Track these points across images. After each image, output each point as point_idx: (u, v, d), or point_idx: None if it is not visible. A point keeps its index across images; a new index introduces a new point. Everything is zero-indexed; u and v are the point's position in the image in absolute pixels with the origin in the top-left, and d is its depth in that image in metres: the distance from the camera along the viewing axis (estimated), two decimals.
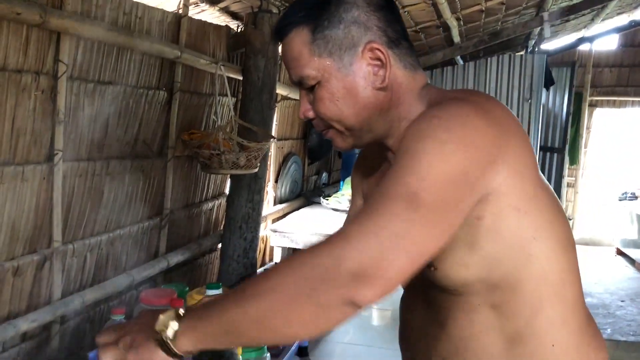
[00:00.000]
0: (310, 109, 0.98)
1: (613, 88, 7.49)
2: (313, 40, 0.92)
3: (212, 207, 2.91)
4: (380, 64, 0.93)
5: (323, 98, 0.94)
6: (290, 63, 0.96)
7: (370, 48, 0.92)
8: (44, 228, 1.79)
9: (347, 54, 0.92)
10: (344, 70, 0.93)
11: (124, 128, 2.12)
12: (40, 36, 1.67)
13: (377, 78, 0.93)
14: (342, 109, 0.94)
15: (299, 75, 0.95)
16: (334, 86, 0.93)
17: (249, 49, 2.67)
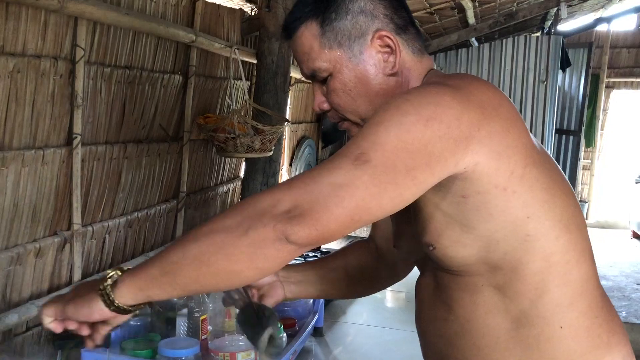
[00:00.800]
0: (325, 101, 0.99)
1: (631, 69, 7.38)
2: (322, 33, 0.94)
3: (227, 190, 2.94)
4: (389, 50, 0.94)
5: (336, 89, 0.96)
6: (301, 57, 0.97)
7: (379, 36, 0.94)
8: (63, 210, 1.82)
9: (357, 44, 0.94)
10: (354, 59, 0.94)
11: (140, 112, 2.15)
12: (58, 21, 1.68)
13: (388, 64, 0.95)
14: (355, 98, 0.96)
15: (311, 68, 0.96)
16: (346, 76, 0.95)
17: (263, 32, 2.67)
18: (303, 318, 1.88)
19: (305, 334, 1.81)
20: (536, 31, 6.91)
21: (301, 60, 0.97)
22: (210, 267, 0.77)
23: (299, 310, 1.88)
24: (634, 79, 7.43)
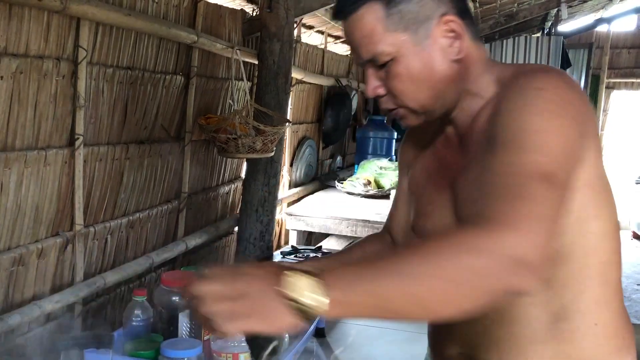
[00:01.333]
0: (381, 86, 0.95)
1: (631, 70, 7.38)
2: (387, 15, 0.90)
3: (228, 191, 2.94)
4: (454, 35, 0.92)
5: (400, 74, 0.92)
6: (360, 41, 0.93)
7: (445, 20, 0.91)
8: (66, 211, 1.83)
9: (423, 28, 0.91)
10: (420, 44, 0.91)
11: (142, 113, 2.15)
12: (60, 22, 1.69)
13: (453, 50, 0.92)
14: (418, 85, 0.93)
15: (372, 52, 0.92)
16: (411, 61, 0.91)
17: (264, 32, 2.67)
18: None
19: (307, 334, 1.81)
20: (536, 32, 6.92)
21: (359, 44, 0.93)
22: (425, 311, 0.73)
23: None
24: (634, 80, 7.43)
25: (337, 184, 4.14)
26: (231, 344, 1.49)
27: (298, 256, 2.92)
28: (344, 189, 4.05)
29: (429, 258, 0.72)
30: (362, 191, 3.95)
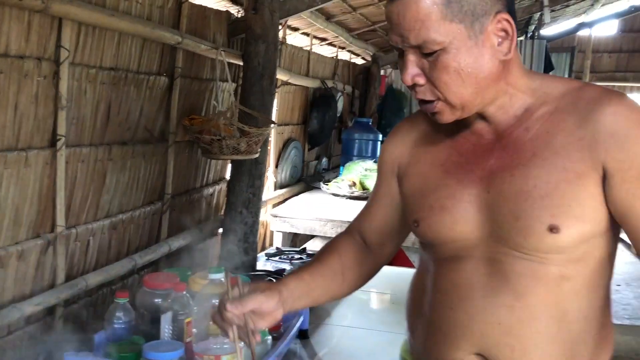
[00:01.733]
0: (422, 74, 0.93)
1: (612, 73, 7.50)
2: (447, 2, 0.87)
3: (212, 192, 2.93)
4: (504, 35, 0.92)
5: (448, 66, 0.90)
6: (411, 24, 0.89)
7: (500, 19, 0.90)
8: (47, 213, 1.81)
9: (478, 22, 0.89)
10: (473, 38, 0.89)
11: (125, 114, 2.14)
12: (42, 22, 1.67)
13: (502, 49, 0.92)
14: (465, 80, 0.91)
15: (423, 39, 0.89)
16: (462, 55, 0.90)
17: (249, 34, 2.67)
18: (288, 320, 1.88)
19: (290, 336, 1.81)
20: (520, 35, 6.99)
21: (409, 28, 0.89)
22: None
23: None
24: (615, 83, 7.54)
25: (323, 186, 4.15)
26: (214, 346, 1.49)
27: (283, 258, 2.91)
28: (329, 190, 4.06)
29: None
30: (347, 193, 3.96)
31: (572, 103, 0.96)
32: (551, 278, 0.95)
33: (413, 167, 1.10)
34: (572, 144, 0.94)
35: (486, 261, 0.99)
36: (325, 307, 2.43)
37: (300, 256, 2.95)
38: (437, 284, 1.05)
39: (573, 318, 0.97)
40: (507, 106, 0.98)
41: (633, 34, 7.45)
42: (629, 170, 0.91)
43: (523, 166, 0.95)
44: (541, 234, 0.93)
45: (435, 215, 1.02)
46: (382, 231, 1.19)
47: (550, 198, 0.93)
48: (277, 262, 2.84)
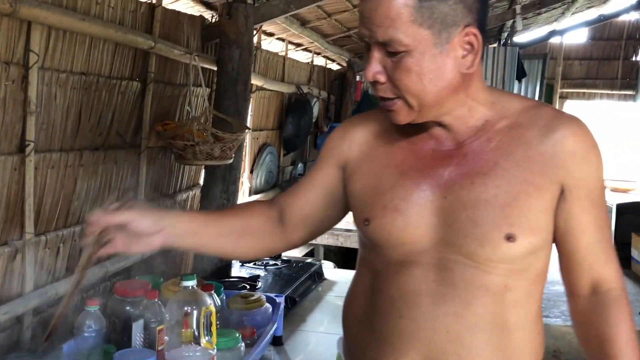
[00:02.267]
0: (383, 72, 0.93)
1: (583, 80, 7.65)
2: (418, 5, 0.88)
3: (186, 198, 2.91)
4: (470, 48, 0.92)
5: (410, 70, 0.91)
6: (380, 21, 0.89)
7: (468, 32, 0.91)
8: (15, 219, 1.77)
9: (446, 31, 0.90)
10: (439, 46, 0.90)
11: (96, 119, 2.11)
12: (10, 25, 1.64)
13: (465, 62, 0.93)
14: (426, 86, 0.92)
15: (389, 36, 0.89)
16: (425, 61, 0.90)
17: (223, 39, 2.66)
18: (262, 327, 1.87)
19: (264, 343, 1.80)
20: (493, 42, 7.09)
21: (378, 24, 0.90)
22: None
23: (257, 319, 1.88)
24: (585, 90, 7.70)
25: None
26: (186, 354, 1.47)
27: (257, 264, 2.90)
28: None
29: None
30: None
31: (530, 119, 1.00)
32: (497, 288, 0.98)
33: (365, 165, 1.09)
34: (533, 157, 0.97)
35: (435, 268, 0.99)
36: (300, 314, 2.43)
37: (275, 262, 2.94)
38: (383, 290, 1.04)
39: (514, 327, 1.00)
40: (466, 117, 1.00)
41: (602, 42, 7.62)
42: (583, 188, 0.98)
43: (484, 175, 0.97)
44: (498, 242, 0.95)
45: (388, 216, 1.01)
46: (302, 215, 1.16)
47: (510, 208, 0.95)
48: (252, 268, 2.83)
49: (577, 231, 1.00)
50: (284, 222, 1.16)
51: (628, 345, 0.99)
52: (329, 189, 1.14)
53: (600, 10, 7.02)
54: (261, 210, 1.18)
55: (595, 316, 1.02)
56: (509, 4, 5.21)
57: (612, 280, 1.03)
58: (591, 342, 1.03)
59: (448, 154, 1.01)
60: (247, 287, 2.48)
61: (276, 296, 2.06)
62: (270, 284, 2.61)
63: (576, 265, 1.02)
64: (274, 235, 1.17)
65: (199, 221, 1.11)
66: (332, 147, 1.15)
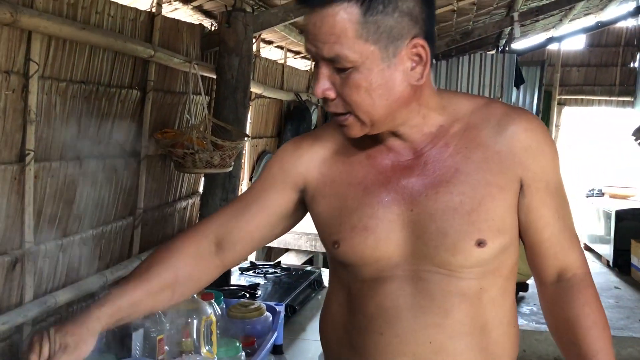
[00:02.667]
0: (332, 89, 0.92)
1: (581, 87, 7.66)
2: (363, 21, 0.86)
3: (185, 206, 2.90)
4: (419, 60, 0.92)
5: (359, 86, 0.90)
6: (325, 38, 0.88)
7: (415, 44, 0.90)
8: (15, 229, 1.77)
9: (393, 45, 0.89)
10: (386, 61, 0.89)
11: (96, 127, 2.11)
12: (10, 35, 1.64)
13: (414, 74, 0.92)
14: (375, 100, 0.91)
15: (335, 53, 0.88)
16: (374, 76, 0.89)
17: (222, 47, 2.66)
18: (262, 336, 1.86)
19: (265, 352, 1.80)
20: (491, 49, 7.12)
21: (324, 40, 0.88)
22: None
23: (257, 328, 1.87)
24: (583, 97, 7.72)
25: None
26: None
27: (257, 272, 2.90)
28: None
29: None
30: None
31: (482, 119, 1.00)
32: (473, 292, 0.99)
33: (328, 186, 1.05)
34: (491, 157, 0.98)
35: (410, 280, 0.99)
36: (300, 322, 2.42)
37: (274, 270, 2.94)
38: (361, 308, 1.03)
39: (493, 326, 1.01)
40: (421, 125, 1.00)
41: (600, 49, 7.64)
42: (541, 181, 1.00)
43: (447, 182, 0.97)
44: (469, 249, 0.95)
45: (358, 236, 1.00)
46: (251, 240, 1.10)
47: (477, 213, 0.96)
48: (251, 277, 2.83)
49: (540, 224, 1.01)
50: (222, 251, 1.10)
51: (596, 326, 1.01)
52: (284, 211, 1.09)
53: (598, 17, 7.04)
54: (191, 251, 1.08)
55: (562, 301, 1.04)
56: (507, 11, 5.23)
57: (577, 265, 1.05)
58: (560, 327, 1.05)
59: (408, 164, 1.01)
60: (246, 295, 2.47)
61: (276, 305, 2.05)
62: (269, 292, 2.60)
63: (541, 255, 1.05)
64: (210, 271, 1.11)
65: (125, 304, 1.02)
66: (285, 169, 1.09)
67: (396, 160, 1.01)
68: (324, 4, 0.87)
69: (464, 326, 0.99)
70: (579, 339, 1.01)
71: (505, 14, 5.33)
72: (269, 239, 1.15)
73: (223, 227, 1.10)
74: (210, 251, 1.10)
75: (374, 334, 1.01)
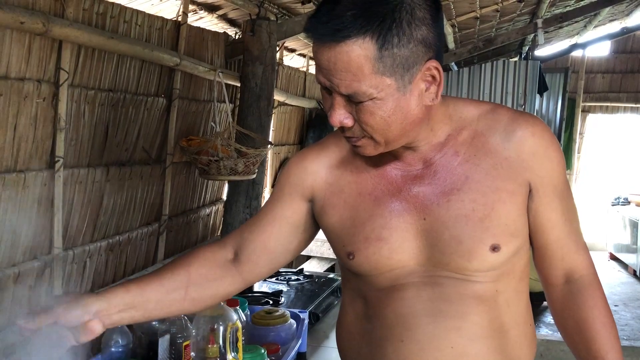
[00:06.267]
0: (350, 117, 0.91)
1: (606, 94, 7.55)
2: (379, 57, 0.85)
3: (209, 213, 2.92)
4: (432, 80, 0.91)
5: (374, 114, 0.90)
6: (340, 74, 0.86)
7: (429, 66, 0.90)
8: (44, 234, 1.80)
9: (408, 73, 0.88)
10: (402, 89, 0.89)
11: (123, 135, 2.14)
12: (42, 44, 1.68)
13: (429, 95, 0.92)
14: (391, 125, 0.91)
15: (352, 90, 0.87)
16: (389, 105, 0.89)
17: (246, 55, 2.68)
18: (286, 343, 1.86)
19: (289, 359, 1.80)
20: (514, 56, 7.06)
21: (339, 77, 0.87)
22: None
23: (282, 335, 1.87)
24: (608, 104, 7.60)
25: None
26: None
27: (279, 279, 2.90)
28: None
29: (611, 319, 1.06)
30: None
31: (489, 125, 1.01)
32: (489, 294, 1.00)
33: (336, 197, 1.05)
34: (500, 164, 0.99)
35: (426, 286, 0.99)
36: (323, 330, 2.42)
37: (297, 277, 2.94)
38: (379, 317, 1.02)
39: (510, 327, 1.02)
40: (430, 137, 1.00)
41: (626, 55, 7.52)
42: (548, 185, 1.01)
43: (458, 190, 0.98)
44: (484, 254, 0.96)
45: (372, 246, 1.00)
46: (266, 250, 1.10)
47: (490, 219, 0.96)
48: (274, 284, 2.83)
49: (547, 227, 1.03)
50: (239, 262, 1.10)
51: (605, 328, 1.03)
52: (295, 222, 1.10)
53: (624, 23, 6.94)
54: (207, 255, 1.09)
55: (571, 303, 1.06)
56: (530, 17, 5.19)
57: (584, 267, 1.07)
58: (570, 329, 1.06)
59: (418, 174, 1.01)
60: (270, 302, 2.47)
61: (300, 312, 2.05)
62: (293, 300, 2.60)
63: (549, 257, 1.06)
64: (226, 279, 1.09)
65: (134, 291, 1.01)
66: (294, 181, 1.09)
67: (406, 170, 1.02)
68: (338, 40, 0.84)
69: (482, 329, 0.99)
70: (589, 340, 1.03)
71: (528, 20, 5.29)
72: (290, 251, 1.13)
73: (239, 238, 1.12)
74: (227, 258, 1.10)
75: (394, 341, 1.00)
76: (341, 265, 1.10)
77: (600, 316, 1.04)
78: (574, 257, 1.06)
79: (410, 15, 0.86)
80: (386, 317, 1.01)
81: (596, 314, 1.04)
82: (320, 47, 0.87)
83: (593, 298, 1.05)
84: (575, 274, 1.06)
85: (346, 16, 0.84)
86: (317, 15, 0.87)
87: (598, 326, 1.03)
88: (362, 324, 1.06)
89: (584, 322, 1.04)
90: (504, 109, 1.04)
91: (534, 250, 1.07)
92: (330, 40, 0.85)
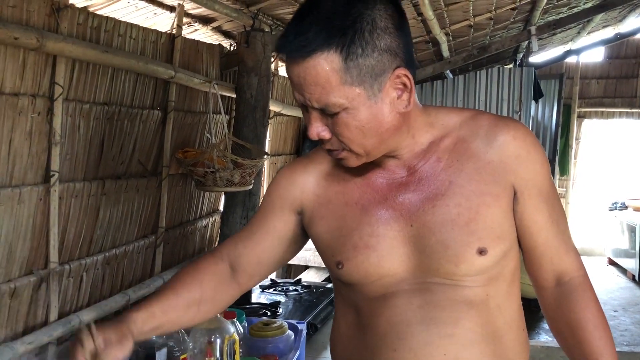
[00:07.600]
0: (327, 130, 0.95)
1: (601, 99, 7.58)
2: (345, 68, 0.88)
3: (206, 224, 2.92)
4: (403, 87, 0.93)
5: (349, 125, 0.92)
6: (310, 88, 0.90)
7: (398, 74, 0.92)
8: (40, 249, 1.79)
9: (377, 82, 0.91)
10: (372, 98, 0.91)
11: (118, 148, 2.14)
12: (36, 59, 1.69)
13: (402, 102, 0.94)
14: (366, 134, 0.93)
15: (323, 102, 0.90)
16: (362, 114, 0.92)
17: (241, 67, 2.70)
18: (284, 355, 1.86)
19: None
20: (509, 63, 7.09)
21: (310, 92, 0.90)
22: None
23: (280, 347, 1.86)
24: (603, 109, 7.63)
25: None
26: None
27: (277, 290, 2.89)
28: None
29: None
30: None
31: (471, 131, 1.02)
32: (480, 298, 1.00)
33: (324, 207, 1.07)
34: (483, 168, 1.00)
35: (417, 293, 1.00)
36: (322, 341, 2.41)
37: (295, 287, 2.93)
38: (371, 327, 1.03)
39: (503, 332, 1.02)
40: (412, 144, 1.02)
41: (620, 60, 7.56)
42: (533, 188, 1.02)
43: (442, 196, 0.99)
44: (471, 258, 0.97)
45: (361, 255, 1.01)
46: (259, 262, 1.13)
47: (475, 222, 0.97)
48: (272, 294, 2.82)
49: (534, 229, 1.03)
50: (236, 274, 1.14)
51: (598, 329, 1.03)
52: (285, 235, 1.12)
53: (617, 29, 6.99)
54: (211, 271, 1.13)
55: (563, 305, 1.06)
56: (524, 25, 5.22)
57: (574, 269, 1.07)
58: (563, 331, 1.06)
59: (403, 181, 1.02)
60: (268, 313, 2.47)
61: (298, 323, 2.05)
62: (291, 310, 2.60)
63: (538, 259, 1.06)
64: (229, 291, 1.15)
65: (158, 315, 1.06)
66: (283, 194, 1.12)
67: (390, 178, 1.03)
68: (304, 55, 0.88)
69: (475, 334, 0.99)
70: (582, 341, 1.04)
71: (522, 28, 5.31)
72: (281, 260, 1.16)
73: (234, 251, 1.14)
74: (228, 274, 1.14)
75: (387, 350, 1.00)
76: (332, 276, 1.10)
77: (593, 317, 1.04)
78: (563, 258, 1.06)
79: (372, 25, 0.89)
80: (378, 326, 1.01)
81: (588, 316, 1.04)
82: (290, 63, 0.91)
83: (584, 300, 1.05)
84: (565, 276, 1.07)
85: (310, 32, 0.88)
86: (285, 34, 0.91)
87: (590, 328, 1.03)
88: (355, 334, 1.06)
89: (576, 324, 1.04)
90: (486, 114, 1.05)
91: (523, 254, 1.08)
92: (298, 56, 0.89)
